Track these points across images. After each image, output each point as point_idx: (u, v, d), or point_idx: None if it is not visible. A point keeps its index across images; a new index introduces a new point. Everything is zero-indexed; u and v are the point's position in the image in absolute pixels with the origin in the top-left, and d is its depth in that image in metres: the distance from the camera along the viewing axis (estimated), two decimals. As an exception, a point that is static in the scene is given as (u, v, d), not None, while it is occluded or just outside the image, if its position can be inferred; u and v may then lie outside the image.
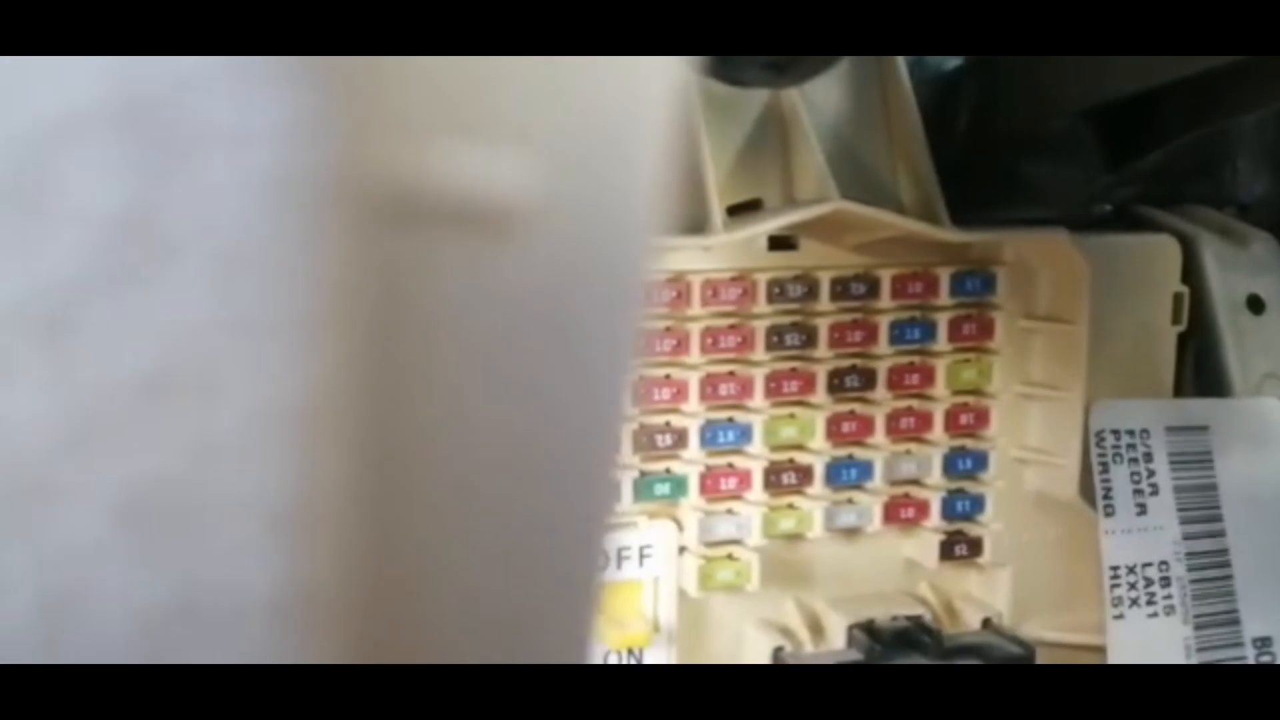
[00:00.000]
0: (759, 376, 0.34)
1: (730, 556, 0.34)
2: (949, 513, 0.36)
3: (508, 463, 0.09)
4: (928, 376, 0.36)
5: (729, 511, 0.34)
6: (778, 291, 0.34)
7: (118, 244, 0.07)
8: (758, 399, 0.34)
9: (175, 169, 0.07)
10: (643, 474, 0.34)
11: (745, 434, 0.34)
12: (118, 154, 0.07)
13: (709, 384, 0.34)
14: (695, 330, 0.33)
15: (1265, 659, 0.36)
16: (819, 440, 0.35)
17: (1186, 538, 0.36)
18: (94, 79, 0.07)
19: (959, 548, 0.36)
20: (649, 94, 0.10)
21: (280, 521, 0.08)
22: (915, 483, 0.36)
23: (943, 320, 0.36)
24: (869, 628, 0.35)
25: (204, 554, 0.08)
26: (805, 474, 0.35)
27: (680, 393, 0.34)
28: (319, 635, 0.08)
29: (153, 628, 0.08)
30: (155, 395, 0.08)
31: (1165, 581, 0.36)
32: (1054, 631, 0.37)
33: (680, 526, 0.34)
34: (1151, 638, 0.36)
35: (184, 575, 0.08)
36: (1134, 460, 0.36)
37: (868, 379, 0.35)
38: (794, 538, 0.35)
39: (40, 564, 0.08)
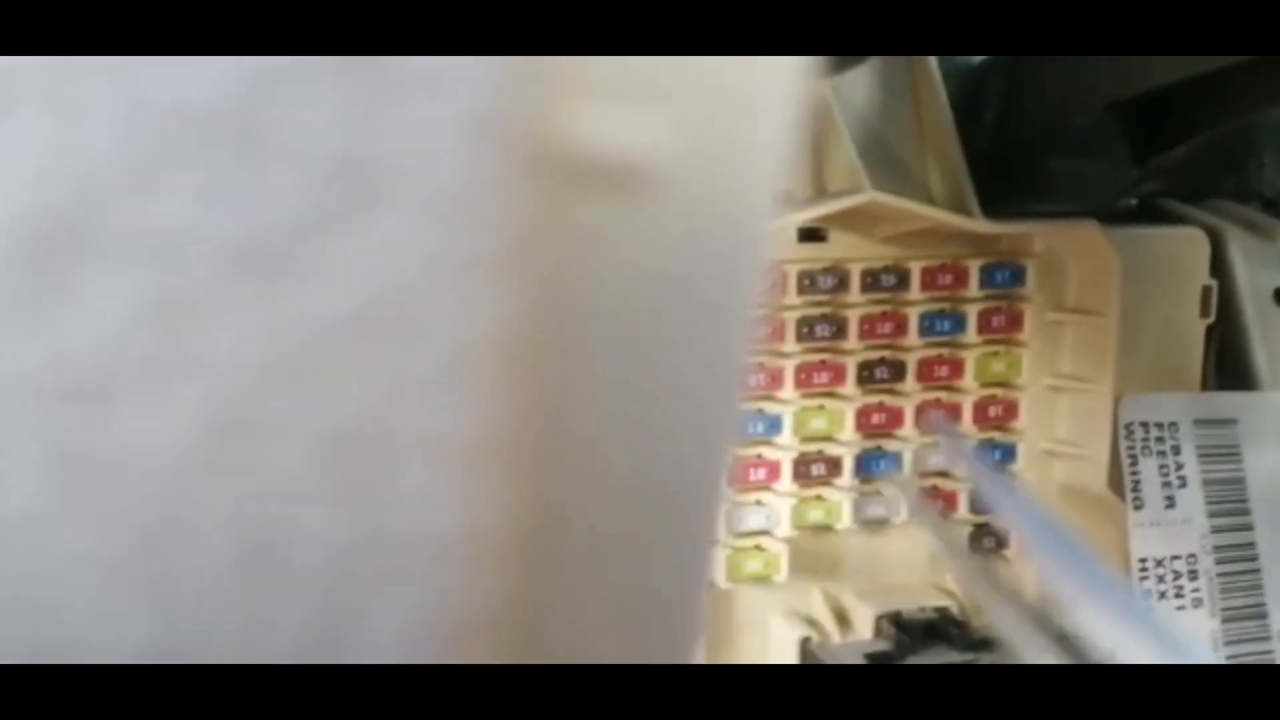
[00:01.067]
0: (789, 367, 0.34)
1: (758, 547, 0.34)
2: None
3: (638, 417, 0.09)
4: (957, 368, 0.36)
5: (758, 502, 0.34)
6: (808, 283, 0.34)
7: (330, 184, 0.07)
8: (787, 390, 0.34)
9: (385, 111, 0.07)
10: (672, 464, 0.34)
11: (775, 425, 0.34)
12: (332, 96, 0.07)
13: (739, 374, 0.34)
14: (726, 320, 0.33)
15: (1293, 652, 0.36)
16: (848, 432, 0.35)
17: (1214, 531, 0.36)
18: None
19: (986, 540, 0.36)
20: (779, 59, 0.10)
21: (467, 460, 0.08)
22: (943, 474, 0.36)
23: (972, 312, 0.36)
24: (896, 619, 0.35)
25: (395, 490, 0.08)
26: (834, 465, 0.35)
27: (710, 383, 0.33)
28: (487, 575, 0.08)
29: (345, 561, 0.08)
30: (358, 334, 0.08)
31: (1193, 575, 0.36)
32: (1081, 624, 0.37)
33: (709, 517, 0.34)
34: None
35: (376, 510, 0.08)
36: (1162, 453, 0.36)
37: (897, 370, 0.35)
38: (822, 529, 0.35)
39: (243, 499, 0.08)
